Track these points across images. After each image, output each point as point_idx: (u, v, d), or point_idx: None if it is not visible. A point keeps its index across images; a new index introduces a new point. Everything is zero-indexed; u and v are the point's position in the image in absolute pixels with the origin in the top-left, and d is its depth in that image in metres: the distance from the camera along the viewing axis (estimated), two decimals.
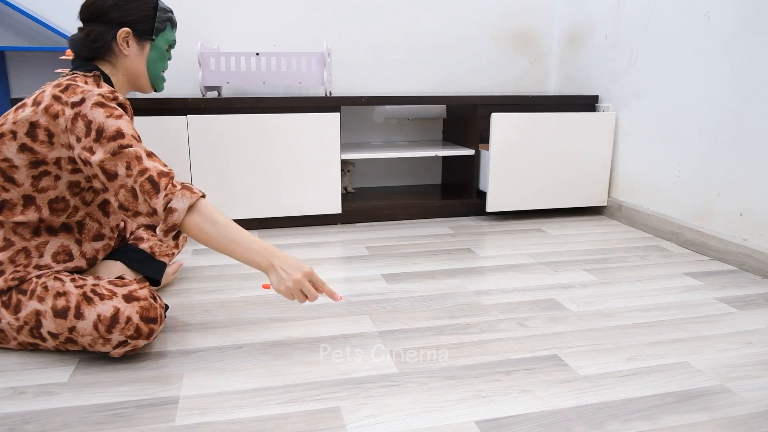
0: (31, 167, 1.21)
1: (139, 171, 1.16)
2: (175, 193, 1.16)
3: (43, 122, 1.19)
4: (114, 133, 1.17)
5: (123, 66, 1.37)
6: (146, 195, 1.15)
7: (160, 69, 1.43)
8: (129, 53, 1.35)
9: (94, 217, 1.33)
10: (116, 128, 1.17)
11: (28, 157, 1.20)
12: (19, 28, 2.34)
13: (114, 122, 1.18)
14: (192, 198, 1.17)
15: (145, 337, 1.21)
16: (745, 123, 1.85)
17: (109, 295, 1.21)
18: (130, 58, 1.36)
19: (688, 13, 2.05)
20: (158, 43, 1.40)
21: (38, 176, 1.22)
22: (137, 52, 1.37)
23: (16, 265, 1.23)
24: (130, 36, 1.34)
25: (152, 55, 1.39)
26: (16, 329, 1.22)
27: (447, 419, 1.04)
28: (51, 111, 1.18)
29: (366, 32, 2.68)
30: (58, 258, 1.28)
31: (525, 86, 2.94)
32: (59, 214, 1.26)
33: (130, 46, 1.35)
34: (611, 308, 1.55)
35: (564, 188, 2.48)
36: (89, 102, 1.18)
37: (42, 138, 1.19)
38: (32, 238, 1.25)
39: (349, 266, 1.88)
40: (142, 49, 1.37)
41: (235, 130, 2.18)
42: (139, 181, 1.15)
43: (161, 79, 1.45)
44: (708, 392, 1.14)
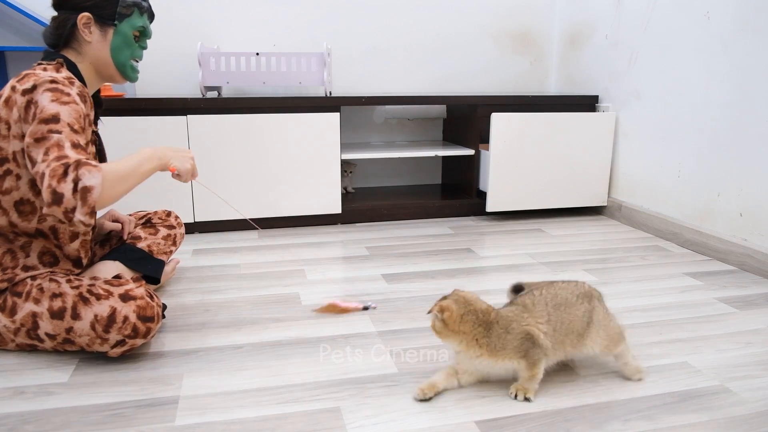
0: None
1: (56, 157, 1.08)
2: (80, 171, 1.07)
3: (3, 115, 1.17)
4: (49, 116, 1.12)
5: (87, 53, 1.32)
6: (54, 179, 1.06)
7: (126, 56, 1.35)
8: (91, 39, 1.30)
9: None
10: (54, 112, 1.12)
11: None
12: (19, 28, 2.34)
13: (55, 107, 1.13)
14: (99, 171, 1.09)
15: (142, 336, 1.21)
16: (744, 123, 1.85)
17: (106, 294, 1.21)
18: (93, 45, 1.31)
19: (688, 13, 2.05)
20: (123, 29, 1.33)
21: (2, 175, 1.19)
22: (100, 38, 1.32)
23: (4, 267, 1.22)
24: (91, 21, 1.30)
25: (116, 41, 1.32)
26: (13, 332, 1.21)
27: (447, 419, 1.04)
28: (9, 103, 1.17)
29: (366, 32, 2.68)
30: (43, 259, 1.27)
31: (525, 86, 2.94)
32: (29, 218, 1.24)
33: (93, 32, 1.30)
34: (611, 308, 1.54)
35: (564, 188, 2.48)
36: (41, 88, 1.15)
37: (3, 132, 1.17)
38: (16, 238, 1.24)
39: (349, 266, 1.88)
40: (105, 35, 1.32)
41: (235, 130, 2.18)
42: (52, 166, 1.07)
43: (130, 67, 1.38)
44: (708, 392, 1.14)
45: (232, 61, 2.22)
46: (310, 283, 1.72)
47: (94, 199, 1.08)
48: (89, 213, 1.08)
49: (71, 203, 1.06)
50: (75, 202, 1.06)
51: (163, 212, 1.71)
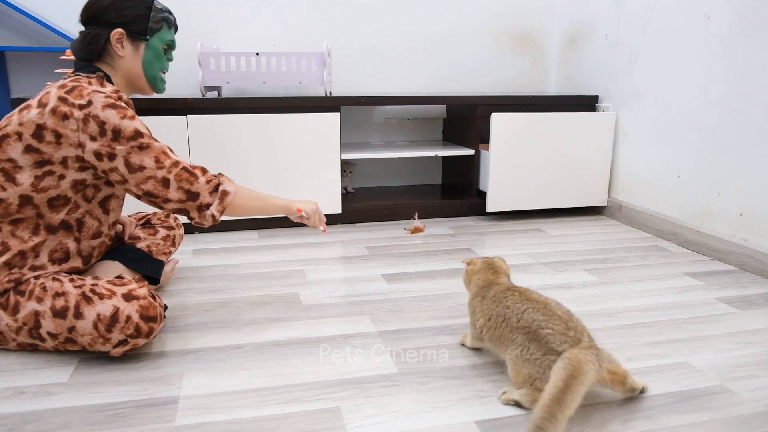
0: (36, 167, 1.21)
1: (173, 162, 1.26)
2: (219, 178, 1.32)
3: (50, 124, 1.19)
4: (132, 133, 1.23)
5: (120, 67, 1.37)
6: (184, 182, 1.26)
7: (157, 70, 1.43)
8: (124, 54, 1.35)
9: (93, 215, 1.33)
10: (133, 128, 1.23)
11: (33, 158, 1.20)
12: (19, 28, 2.34)
13: (129, 123, 1.23)
14: (233, 182, 1.35)
15: (144, 336, 1.21)
16: (745, 123, 1.85)
17: (109, 294, 1.21)
18: (125, 59, 1.36)
19: (688, 13, 2.05)
20: (153, 44, 1.39)
21: (41, 176, 1.22)
22: (132, 53, 1.36)
23: (11, 267, 1.22)
24: (123, 37, 1.34)
25: (147, 56, 1.39)
26: (14, 330, 1.22)
27: (447, 419, 1.04)
28: (59, 112, 1.19)
29: (366, 32, 2.68)
30: (54, 257, 1.28)
31: (525, 86, 2.94)
32: (58, 210, 1.26)
33: (125, 47, 1.35)
34: (611, 308, 1.55)
35: (564, 188, 2.48)
36: (98, 104, 1.20)
37: (49, 139, 1.20)
38: (30, 238, 1.24)
39: (349, 266, 1.88)
40: (137, 49, 1.37)
41: (235, 130, 2.18)
42: (174, 171, 1.26)
43: (160, 79, 1.45)
44: (708, 392, 1.14)
45: (232, 61, 2.22)
46: (310, 283, 1.72)
47: (228, 201, 1.32)
48: (221, 211, 1.31)
49: (207, 200, 1.30)
50: (212, 200, 1.30)
51: (162, 213, 1.72)
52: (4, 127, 1.21)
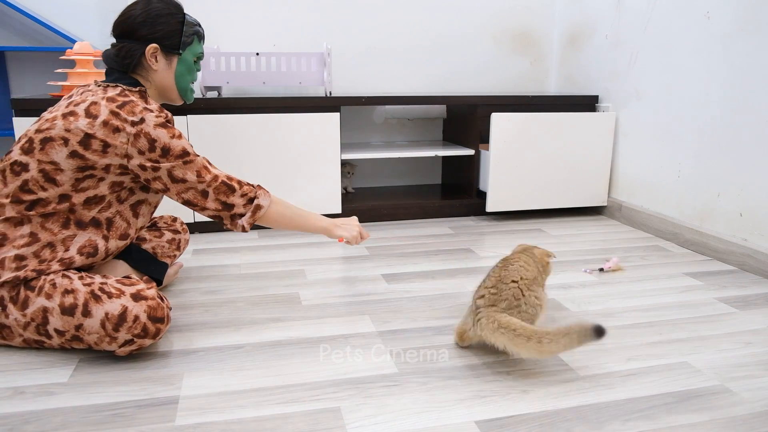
0: (78, 171, 1.25)
1: (212, 177, 1.33)
2: (255, 192, 1.37)
3: (100, 135, 1.23)
4: (180, 152, 1.29)
5: (153, 80, 1.40)
6: (221, 195, 1.34)
7: (188, 81, 1.45)
8: (158, 68, 1.38)
9: (123, 217, 1.36)
10: (182, 148, 1.30)
11: (77, 163, 1.24)
12: (19, 28, 2.34)
13: (178, 142, 1.29)
14: (270, 196, 1.40)
15: (151, 337, 1.21)
16: (744, 123, 1.85)
17: (117, 293, 1.21)
18: (159, 73, 1.39)
19: (688, 13, 2.05)
20: (185, 57, 1.42)
21: (82, 179, 1.26)
22: (165, 67, 1.39)
23: (41, 260, 1.24)
24: (158, 51, 1.37)
25: (180, 69, 1.42)
26: (22, 326, 1.22)
27: (447, 419, 1.04)
28: (110, 125, 1.24)
29: (366, 32, 2.68)
30: (83, 251, 1.29)
31: (525, 86, 2.94)
32: (91, 208, 1.29)
33: (159, 61, 1.38)
34: (611, 308, 1.55)
35: (564, 188, 2.48)
36: (150, 122, 1.27)
37: (96, 147, 1.24)
38: (60, 231, 1.26)
39: (349, 266, 1.88)
40: (170, 63, 1.40)
41: (235, 130, 2.18)
42: (213, 186, 1.33)
43: (190, 90, 1.48)
44: (708, 392, 1.14)
45: (232, 61, 2.22)
46: (310, 283, 1.72)
47: (259, 215, 1.38)
48: (251, 223, 1.38)
49: (240, 210, 1.36)
50: (245, 211, 1.37)
51: (169, 217, 1.73)
52: (46, 130, 1.24)
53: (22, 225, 1.24)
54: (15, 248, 1.22)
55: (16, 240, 1.23)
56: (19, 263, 1.22)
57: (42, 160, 1.23)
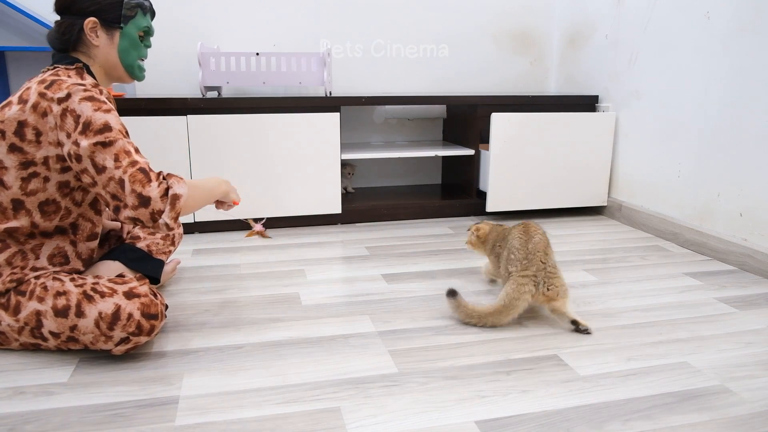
0: (21, 168, 1.20)
1: (130, 162, 1.18)
2: (170, 180, 1.21)
3: (31, 121, 1.18)
4: (101, 126, 1.18)
5: (96, 56, 1.33)
6: (137, 184, 1.17)
7: (134, 57, 1.37)
8: (99, 43, 1.32)
9: (86, 217, 1.33)
10: (104, 121, 1.18)
11: (18, 158, 1.20)
12: (19, 28, 2.34)
13: (102, 115, 1.19)
14: (185, 182, 1.24)
15: (146, 334, 1.21)
16: (744, 123, 1.85)
17: (110, 292, 1.21)
18: (101, 48, 1.32)
19: (688, 13, 2.05)
20: (128, 31, 1.34)
21: (27, 178, 1.21)
22: (107, 42, 1.33)
23: (13, 267, 1.22)
24: (97, 26, 1.30)
25: (123, 44, 1.34)
26: (17, 330, 1.22)
27: (447, 419, 1.04)
28: (39, 109, 1.18)
29: (366, 32, 2.68)
30: (54, 261, 1.28)
31: (525, 86, 2.94)
32: (51, 218, 1.25)
33: (99, 35, 1.31)
34: (611, 308, 1.55)
35: (564, 188, 2.48)
36: (76, 96, 1.18)
37: (30, 137, 1.19)
38: (27, 241, 1.25)
39: (349, 266, 1.88)
40: (112, 38, 1.33)
41: (235, 130, 2.18)
42: (129, 172, 1.17)
43: (137, 67, 1.39)
44: (708, 392, 1.14)
45: (232, 61, 2.22)
46: (310, 283, 1.72)
47: (180, 206, 1.21)
48: (175, 218, 1.21)
49: (158, 206, 1.18)
50: (163, 206, 1.19)
51: None
52: None
53: None
54: None
55: None
56: None
57: None
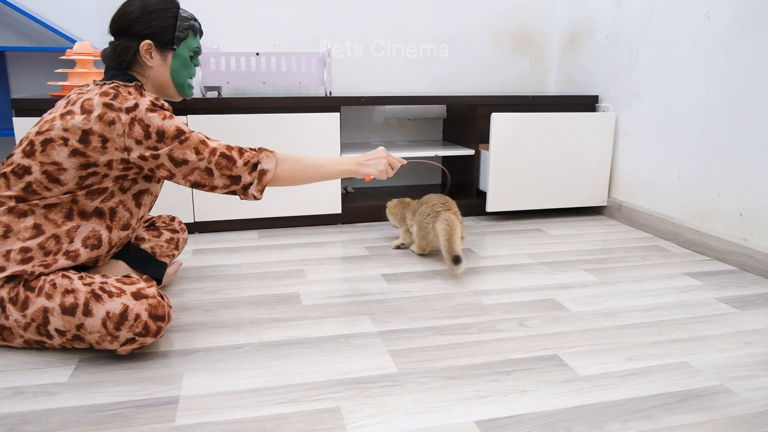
0: (81, 168, 1.25)
1: (210, 151, 1.30)
2: (256, 157, 1.34)
3: (97, 129, 1.23)
4: (175, 132, 1.28)
5: (149, 76, 1.40)
6: (224, 169, 1.31)
7: (185, 77, 1.45)
8: (153, 64, 1.38)
9: (126, 206, 1.36)
10: (175, 128, 1.28)
11: (79, 161, 1.24)
12: (19, 28, 2.34)
13: (171, 123, 1.28)
14: (274, 156, 1.36)
15: (153, 335, 1.21)
16: (744, 123, 1.85)
17: (118, 292, 1.21)
18: (154, 69, 1.39)
19: (688, 13, 2.05)
20: (180, 52, 1.41)
21: (86, 176, 1.26)
22: (160, 63, 1.39)
23: (46, 252, 1.24)
24: (152, 48, 1.36)
25: (175, 64, 1.41)
26: (23, 326, 1.22)
27: (447, 419, 1.04)
28: (106, 118, 1.23)
29: (366, 32, 2.68)
30: (87, 243, 1.30)
31: (525, 86, 2.94)
32: (94, 198, 1.30)
33: (153, 57, 1.38)
34: (611, 308, 1.55)
35: (564, 188, 2.48)
36: (143, 107, 1.26)
37: (95, 144, 1.24)
38: (64, 222, 1.27)
39: (349, 266, 1.88)
40: (165, 59, 1.40)
41: (235, 130, 2.18)
42: (213, 161, 1.30)
43: (188, 86, 1.47)
44: (708, 392, 1.14)
45: (232, 61, 2.22)
46: (310, 283, 1.72)
47: (267, 179, 1.35)
48: (261, 190, 1.36)
49: (248, 180, 1.33)
50: (252, 179, 1.34)
51: (167, 217, 1.74)
52: (46, 131, 1.24)
53: (26, 216, 1.24)
54: (20, 240, 1.23)
55: (21, 232, 1.23)
56: (24, 255, 1.22)
57: (44, 161, 1.23)
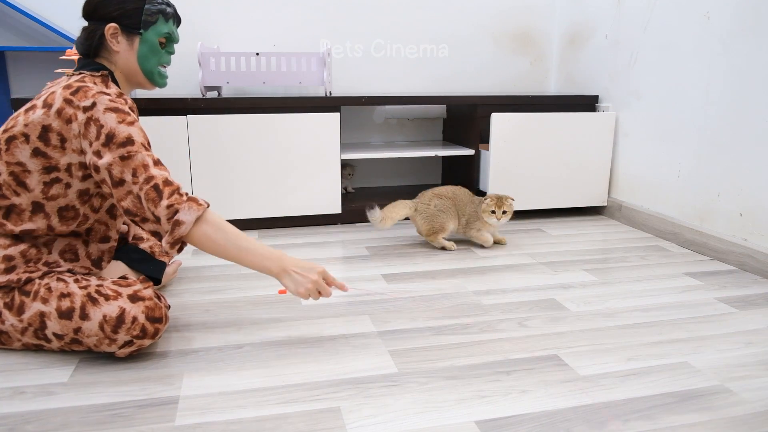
0: (44, 173, 1.21)
1: (145, 179, 1.17)
2: (181, 204, 1.17)
3: (55, 126, 1.19)
4: (124, 139, 1.17)
5: (117, 62, 1.34)
6: (150, 203, 1.16)
7: (154, 64, 1.37)
8: (119, 49, 1.32)
9: (101, 221, 1.34)
10: (127, 134, 1.18)
11: (41, 163, 1.20)
12: (19, 28, 2.34)
13: (125, 128, 1.18)
14: (199, 210, 1.18)
15: (150, 337, 1.21)
16: (744, 123, 1.85)
17: (114, 295, 1.21)
18: (121, 54, 1.33)
19: (688, 13, 2.05)
20: (148, 37, 1.34)
21: (50, 182, 1.22)
22: (127, 48, 1.33)
23: (27, 260, 1.23)
24: (118, 31, 1.31)
25: (142, 50, 1.34)
26: (20, 331, 1.22)
27: (447, 419, 1.04)
28: (64, 115, 1.18)
29: (366, 32, 2.68)
30: (65, 256, 1.28)
31: (525, 86, 2.94)
32: (69, 223, 1.26)
33: (120, 42, 1.32)
34: (611, 308, 1.55)
35: (564, 188, 2.48)
36: (101, 106, 1.18)
37: (55, 143, 1.19)
38: (39, 237, 1.26)
39: (349, 266, 1.87)
40: (132, 44, 1.33)
41: (235, 130, 2.18)
42: (144, 189, 1.16)
43: (158, 74, 1.40)
44: (708, 392, 1.14)
45: (232, 61, 2.22)
46: None
47: (180, 233, 1.17)
48: (172, 243, 1.17)
49: (165, 227, 1.17)
50: (167, 228, 1.17)
51: None
52: (11, 128, 1.20)
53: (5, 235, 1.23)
54: (2, 248, 1.21)
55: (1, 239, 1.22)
56: (8, 264, 1.21)
57: (9, 161, 1.20)
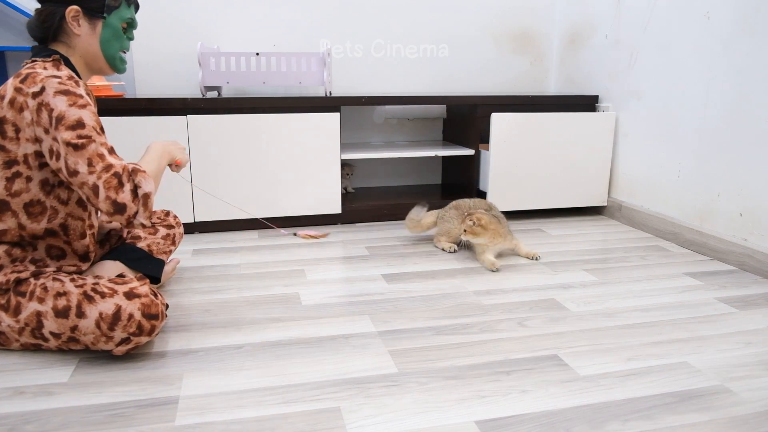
0: (5, 168, 1.19)
1: (104, 167, 1.16)
2: (137, 179, 1.19)
3: (9, 117, 1.17)
4: (74, 122, 1.15)
5: (77, 47, 1.30)
6: (111, 191, 1.15)
7: (116, 49, 1.33)
8: (80, 32, 1.28)
9: (75, 216, 1.31)
10: (77, 117, 1.15)
11: (1, 157, 1.18)
12: (19, 28, 2.34)
13: (76, 111, 1.16)
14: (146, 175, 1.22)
15: (147, 334, 1.21)
16: (744, 123, 1.85)
17: (110, 293, 1.21)
18: (82, 38, 1.29)
19: (688, 13, 2.05)
20: (111, 22, 1.30)
21: (11, 178, 1.20)
22: (89, 31, 1.29)
23: (13, 259, 1.22)
24: (80, 14, 1.26)
25: (105, 34, 1.30)
26: (17, 331, 1.22)
27: (447, 419, 1.04)
28: (16, 104, 1.16)
29: (366, 32, 2.68)
30: (51, 253, 1.28)
31: (525, 86, 2.94)
32: (38, 219, 1.24)
33: (81, 25, 1.28)
34: (611, 308, 1.55)
35: (564, 188, 2.48)
36: (50, 90, 1.15)
37: (11, 134, 1.17)
38: (21, 239, 1.25)
39: (349, 266, 1.88)
40: (94, 28, 1.29)
41: (235, 130, 2.18)
42: (104, 177, 1.15)
43: (119, 59, 1.36)
44: (708, 392, 1.14)
45: (232, 61, 2.22)
46: (310, 283, 1.72)
47: (152, 202, 1.22)
48: (149, 216, 1.23)
49: (133, 209, 1.19)
50: (137, 207, 1.19)
51: (161, 212, 1.72)
52: None
53: None
54: None
55: None
56: None
57: None
